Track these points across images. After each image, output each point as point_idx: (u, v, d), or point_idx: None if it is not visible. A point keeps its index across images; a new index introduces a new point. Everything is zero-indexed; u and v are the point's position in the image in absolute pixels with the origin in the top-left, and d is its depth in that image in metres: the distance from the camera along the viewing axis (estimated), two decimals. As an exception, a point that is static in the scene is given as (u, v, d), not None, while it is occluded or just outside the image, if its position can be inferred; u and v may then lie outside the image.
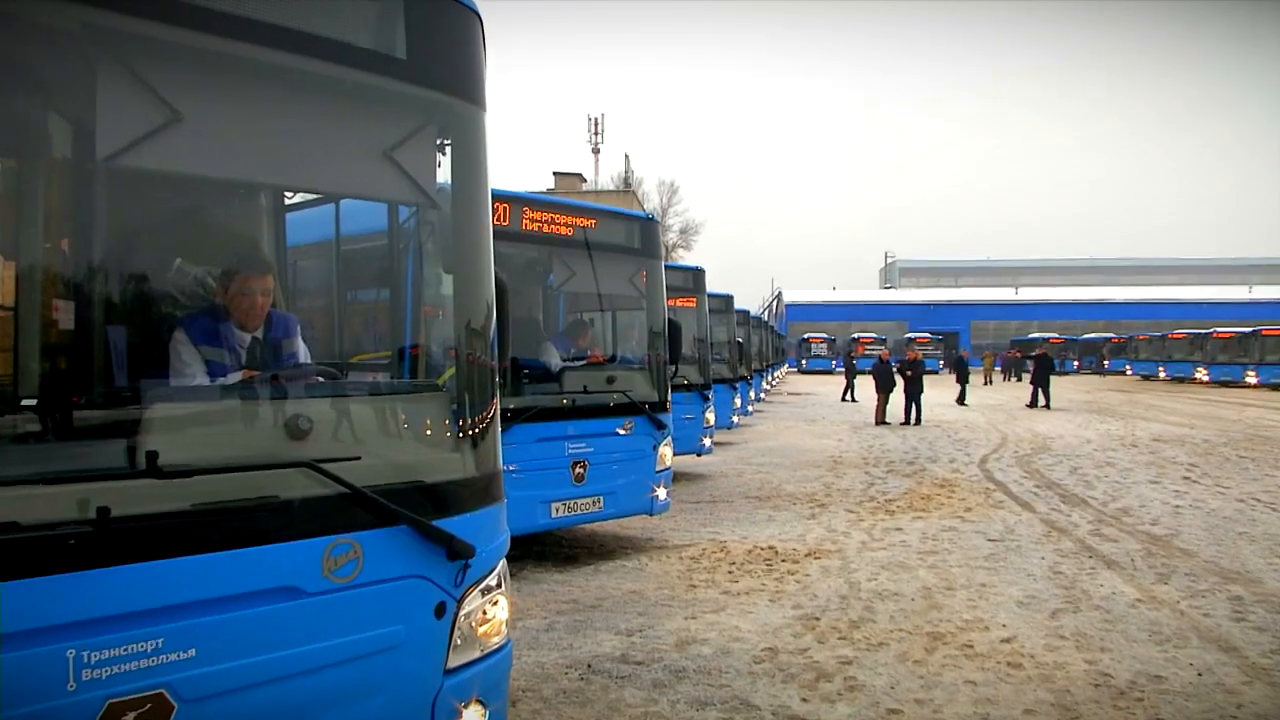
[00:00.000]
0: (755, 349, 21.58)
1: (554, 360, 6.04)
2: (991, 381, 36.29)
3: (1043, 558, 6.40)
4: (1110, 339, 47.39)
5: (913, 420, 17.45)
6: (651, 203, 54.79)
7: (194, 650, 1.89)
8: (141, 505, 1.90)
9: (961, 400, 23.32)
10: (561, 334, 6.47)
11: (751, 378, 17.14)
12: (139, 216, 2.56)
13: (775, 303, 73.35)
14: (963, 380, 23.68)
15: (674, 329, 6.64)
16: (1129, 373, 40.69)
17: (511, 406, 5.39)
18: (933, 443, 14.39)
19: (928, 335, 50.67)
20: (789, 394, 30.50)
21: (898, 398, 18.22)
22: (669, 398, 6.56)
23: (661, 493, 6.44)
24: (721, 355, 14.04)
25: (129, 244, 2.59)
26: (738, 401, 14.06)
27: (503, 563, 2.66)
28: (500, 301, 2.78)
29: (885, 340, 49.63)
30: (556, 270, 6.38)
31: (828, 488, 9.70)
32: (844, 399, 17.65)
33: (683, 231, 59.01)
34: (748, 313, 18.82)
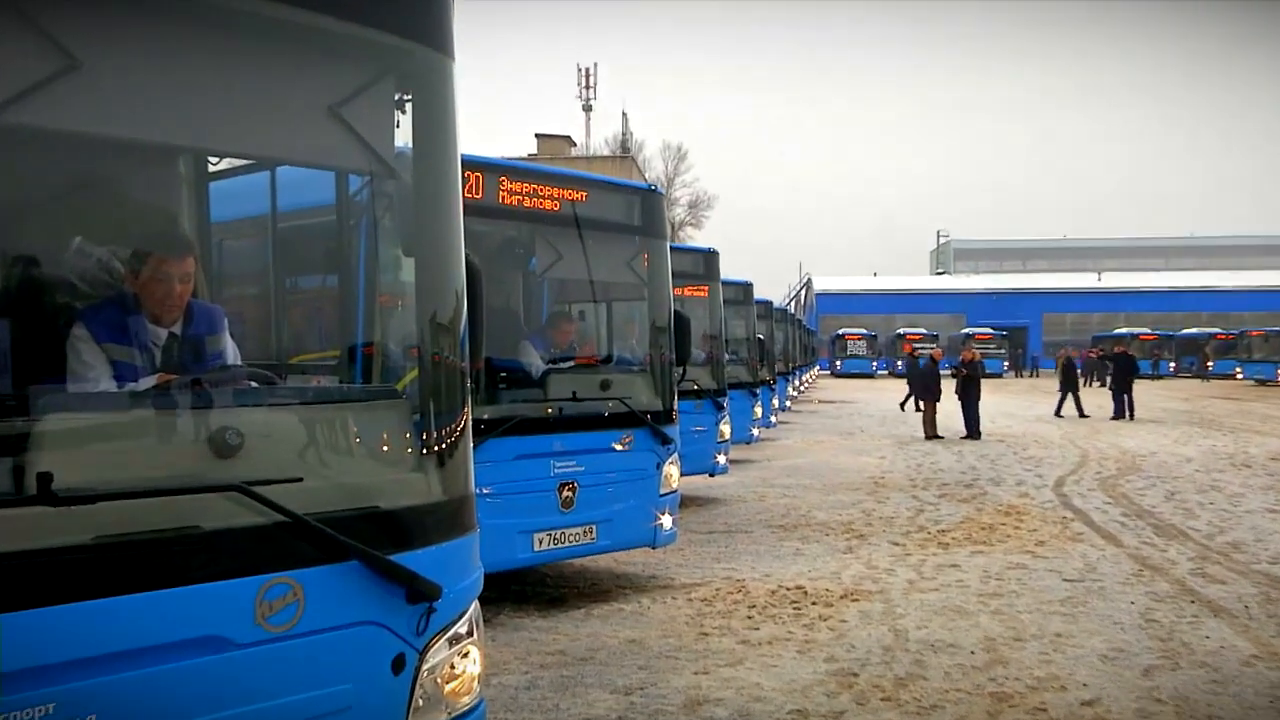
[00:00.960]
0: (780, 347, 21.65)
1: (536, 361, 6.05)
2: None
3: (1132, 602, 6.38)
4: (1215, 335, 46.22)
5: (971, 433, 17.52)
6: (654, 171, 55.01)
7: (94, 719, 1.85)
8: (31, 539, 1.86)
9: (1058, 412, 22.29)
10: (545, 329, 6.47)
11: (775, 382, 17.20)
12: (28, 185, 2.53)
13: (804, 291, 73.58)
14: (1070, 388, 22.36)
15: (681, 323, 6.65)
16: (1239, 376, 39.57)
17: (485, 417, 5.40)
18: (995, 461, 14.41)
19: (989, 330, 50.79)
20: (820, 401, 30.61)
21: (945, 406, 18.25)
22: (675, 406, 6.57)
23: (666, 520, 6.44)
24: (739, 355, 14.04)
25: (16, 219, 2.58)
26: (758, 411, 14.11)
27: (475, 606, 2.66)
28: (472, 290, 2.78)
29: (937, 337, 49.69)
30: (540, 253, 6.37)
31: (868, 515, 9.71)
32: (904, 407, 17.43)
33: (692, 206, 59.27)
34: (770, 304, 18.91)
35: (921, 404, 18.14)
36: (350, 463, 2.52)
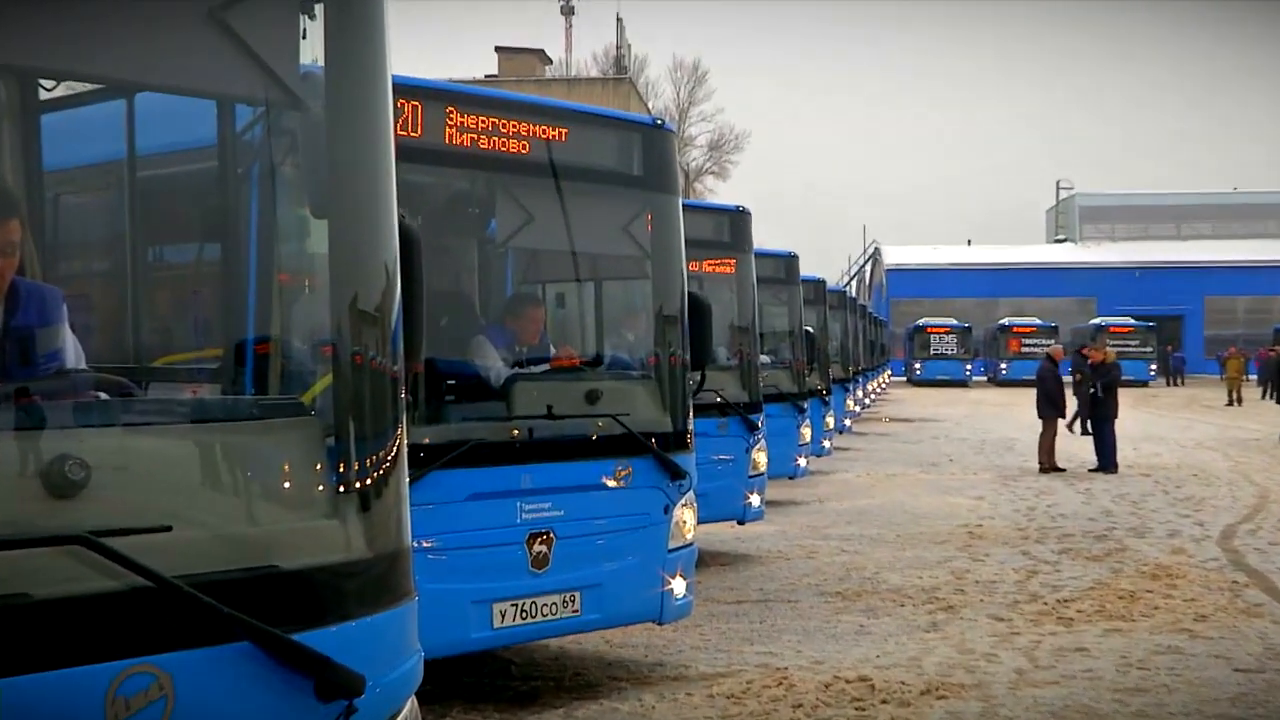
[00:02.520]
0: (837, 345, 21.70)
1: (497, 364, 6.06)
2: (1239, 399, 36.35)
3: (1329, 700, 6.42)
4: None
5: (1104, 464, 17.57)
6: (661, 99, 55.10)
7: None
8: None
9: None
10: (509, 319, 6.50)
11: (830, 393, 17.25)
12: None
13: (869, 267, 73.61)
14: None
15: (699, 312, 6.66)
16: None
17: (427, 441, 5.40)
18: (1138, 503, 14.42)
19: (1130, 322, 50.95)
20: (892, 420, 30.70)
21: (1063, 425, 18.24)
22: (691, 427, 6.58)
23: (678, 585, 6.45)
24: (779, 356, 14.05)
25: None
26: (807, 433, 14.13)
27: (411, 704, 2.67)
28: (408, 265, 2.79)
29: (1056, 330, 49.78)
30: (502, 213, 6.39)
31: (959, 578, 9.73)
32: (1073, 427, 17.06)
33: (714, 148, 59.14)
34: (823, 284, 18.96)
35: (1087, 425, 17.84)
36: (238, 505, 2.53)
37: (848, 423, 23.14)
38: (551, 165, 6.03)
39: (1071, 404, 18.19)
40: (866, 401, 31.08)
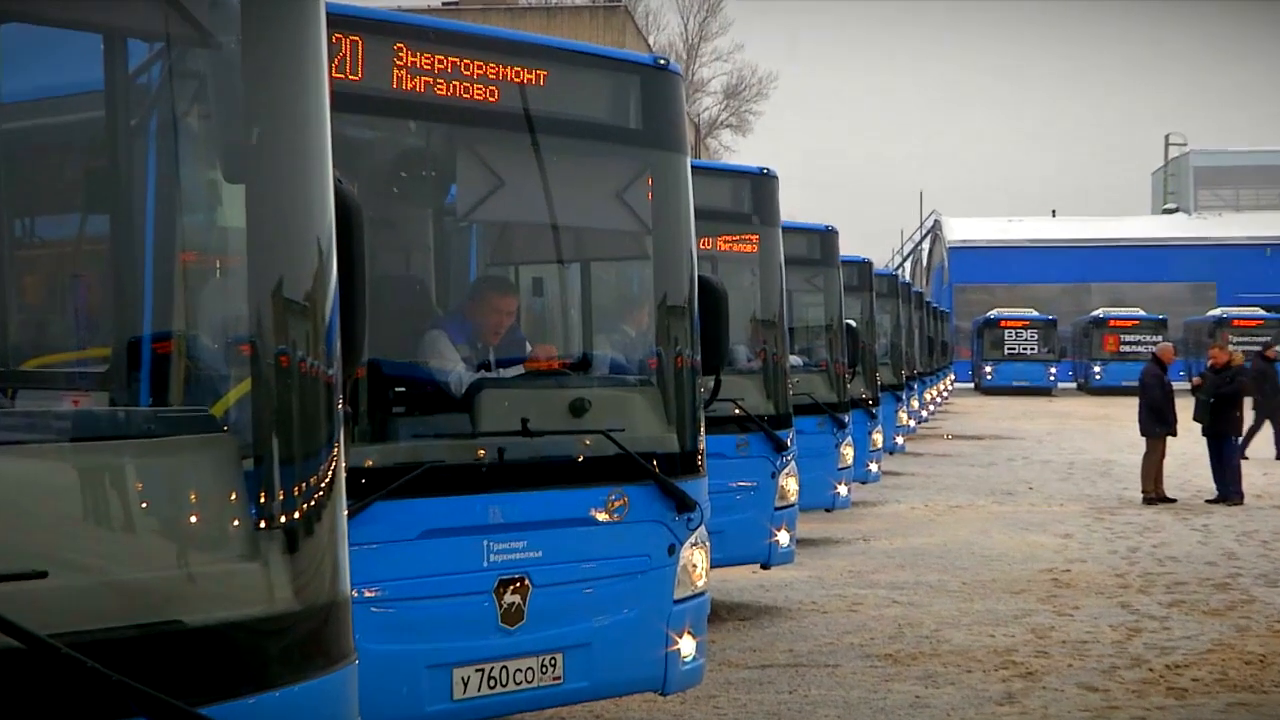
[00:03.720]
0: (886, 343, 21.63)
1: (457, 366, 6.07)
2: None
3: None
4: None
5: (1226, 493, 17.58)
6: (666, 33, 55.05)
7: None
8: None
9: None
10: (472, 309, 6.50)
11: (877, 402, 17.25)
12: None
13: (927, 244, 73.39)
14: None
15: (712, 301, 6.66)
16: None
17: (370, 464, 5.41)
18: (1270, 542, 14.41)
19: (1258, 314, 50.90)
20: (954, 437, 30.64)
21: (1185, 446, 18.22)
22: (701, 446, 6.59)
23: (686, 644, 6.44)
24: (813, 357, 14.00)
25: None
26: (848, 454, 14.12)
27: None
28: (347, 242, 2.79)
29: (1164, 323, 49.78)
30: (464, 177, 6.38)
31: (1041, 637, 9.73)
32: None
33: (731, 94, 59.08)
34: (869, 266, 18.97)
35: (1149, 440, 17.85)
36: (131, 545, 2.54)
37: (900, 441, 23.17)
38: (527, 117, 6.02)
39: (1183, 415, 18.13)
40: (924, 414, 31.05)
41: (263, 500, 2.62)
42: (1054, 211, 74.79)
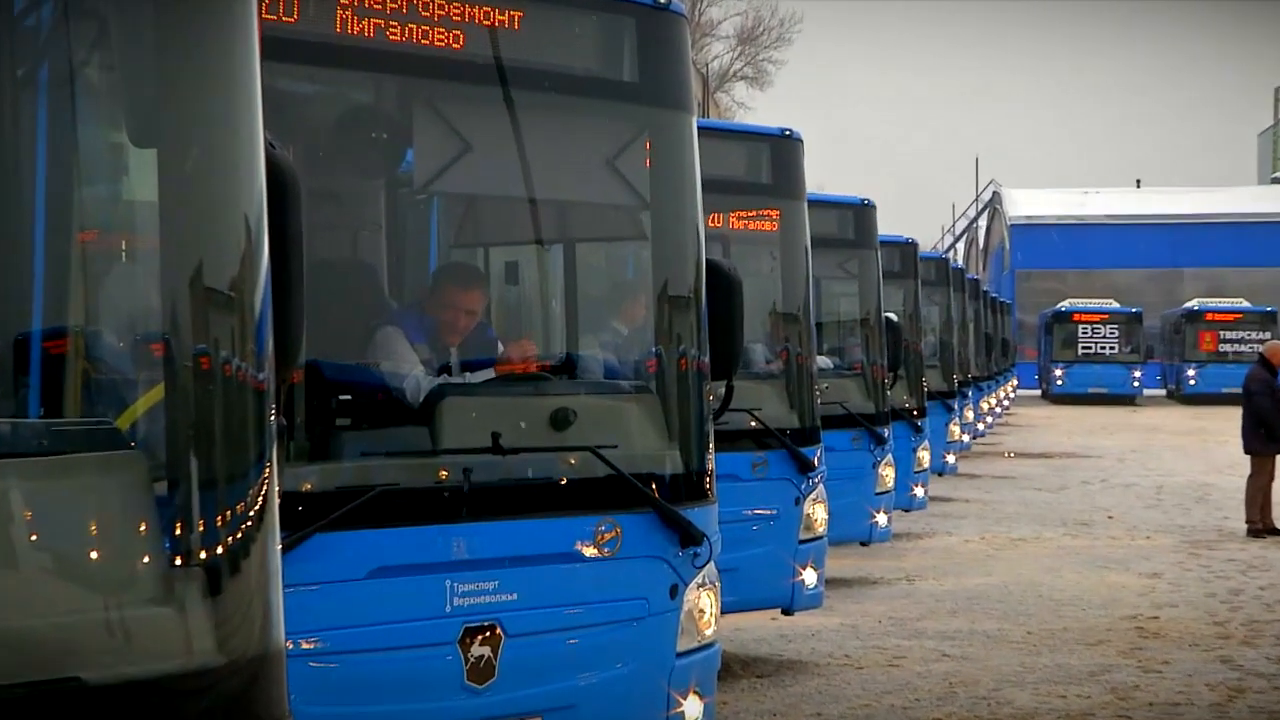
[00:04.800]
0: (935, 340, 21.55)
1: (414, 370, 6.07)
2: None
3: None
4: None
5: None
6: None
7: None
8: None
9: None
10: (433, 300, 6.52)
11: (924, 413, 17.27)
12: None
13: (983, 222, 73.07)
14: None
15: (722, 290, 6.66)
16: None
17: (308, 487, 5.42)
18: (1397, 582, 14.47)
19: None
20: (1017, 455, 30.65)
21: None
22: (710, 466, 6.60)
23: (691, 707, 6.43)
24: (847, 357, 14.06)
25: None
26: (887, 476, 14.14)
27: None
28: (281, 221, 2.79)
29: (1274, 316, 49.79)
30: (423, 141, 6.38)
31: (1123, 698, 9.74)
32: None
33: (746, 40, 58.92)
34: (913, 248, 18.92)
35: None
36: (19, 586, 2.54)
37: (952, 459, 23.11)
38: (498, 67, 6.03)
39: None
40: (980, 427, 31.03)
41: (179, 532, 2.62)
42: (1138, 182, 74.87)
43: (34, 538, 2.60)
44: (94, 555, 2.65)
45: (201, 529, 2.65)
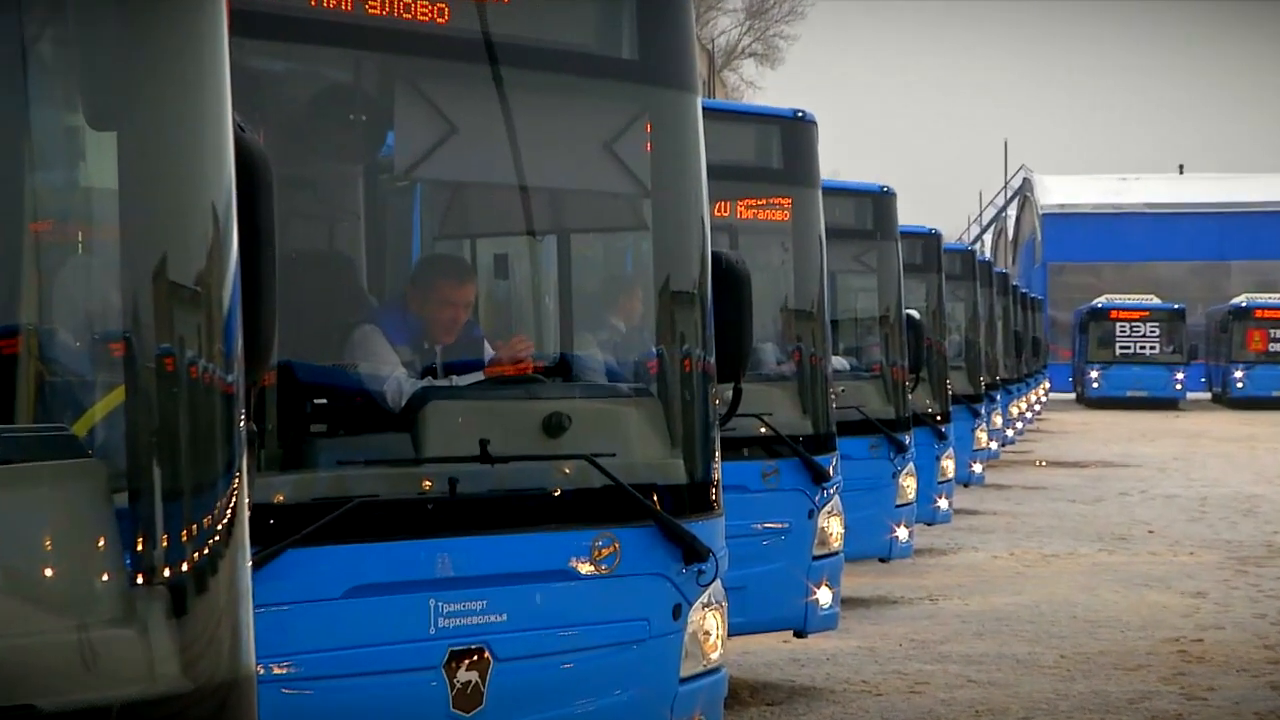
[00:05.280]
0: (960, 339, 21.54)
1: (395, 372, 6.08)
2: None
3: None
4: None
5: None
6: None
7: None
8: None
9: None
10: (416, 296, 6.52)
11: (948, 419, 17.29)
12: None
13: (1013, 209, 73.02)
14: None
15: (730, 285, 6.66)
16: None
17: (280, 499, 5.43)
18: None
19: None
20: (1049, 463, 30.76)
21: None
22: (717, 476, 6.61)
23: (698, 737, 6.45)
24: (865, 358, 14.06)
25: None
26: (910, 486, 14.17)
27: None
28: (251, 209, 2.80)
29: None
30: (405, 123, 6.39)
31: (1165, 728, 9.76)
32: None
33: (755, 14, 58.78)
34: (936, 240, 18.99)
35: None
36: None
37: (978, 469, 23.12)
38: (487, 43, 6.03)
39: None
40: (1010, 434, 31.04)
41: (141, 547, 2.62)
42: (1181, 167, 74.85)
43: None
44: (49, 573, 2.65)
45: (165, 544, 2.64)
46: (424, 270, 6.85)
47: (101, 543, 2.63)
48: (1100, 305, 53.07)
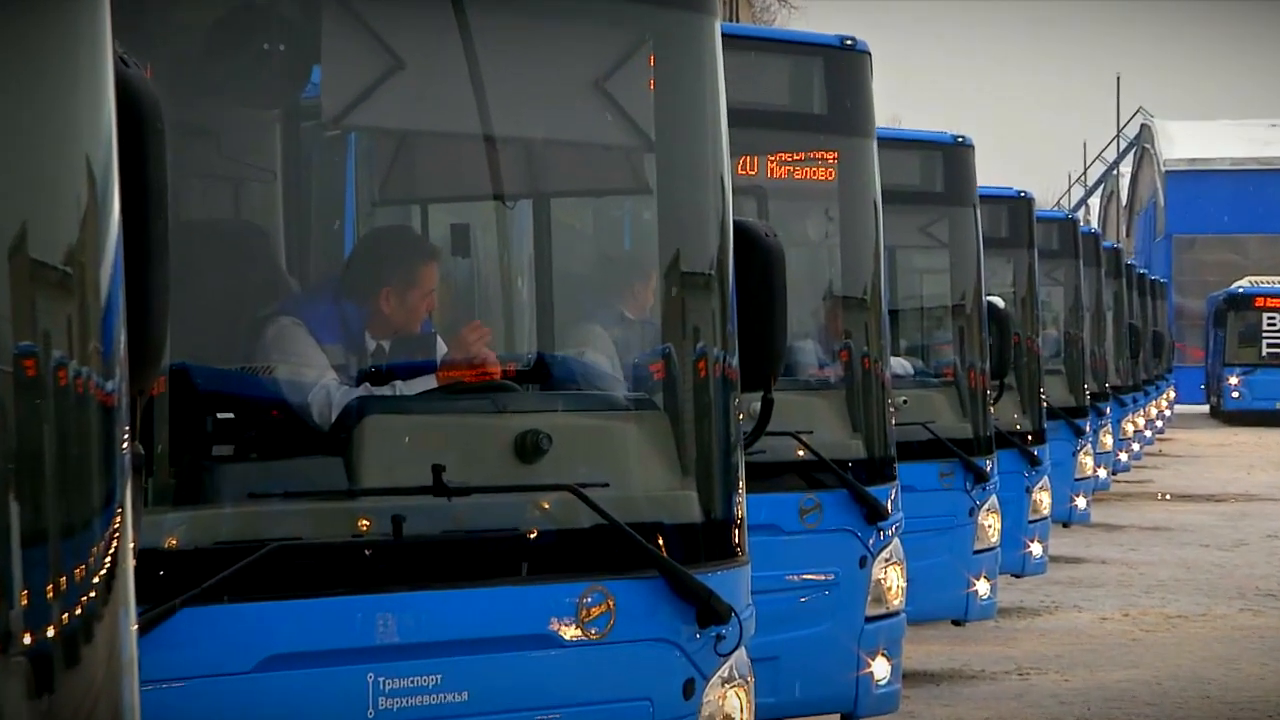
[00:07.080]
0: (1057, 335, 21.54)
1: (324, 376, 6.11)
2: None
3: None
4: None
5: None
6: None
7: None
8: None
9: None
10: (354, 282, 6.57)
11: (1042, 438, 17.28)
12: None
13: (1127, 166, 72.86)
14: None
15: (757, 265, 6.69)
16: None
17: (175, 543, 5.46)
18: None
19: None
20: (1173, 497, 30.75)
21: None
22: (742, 513, 6.64)
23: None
24: (934, 361, 14.14)
25: None
26: (991, 526, 14.19)
27: None
28: (139, 160, 2.82)
29: None
30: (333, 52, 6.42)
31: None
32: None
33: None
34: (1027, 205, 18.81)
35: None
36: None
37: (1082, 503, 23.17)
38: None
39: None
40: (1124, 458, 31.10)
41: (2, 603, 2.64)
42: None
43: None
44: None
45: (25, 602, 2.66)
46: (366, 246, 6.87)
47: None
48: (1242, 291, 53.04)
